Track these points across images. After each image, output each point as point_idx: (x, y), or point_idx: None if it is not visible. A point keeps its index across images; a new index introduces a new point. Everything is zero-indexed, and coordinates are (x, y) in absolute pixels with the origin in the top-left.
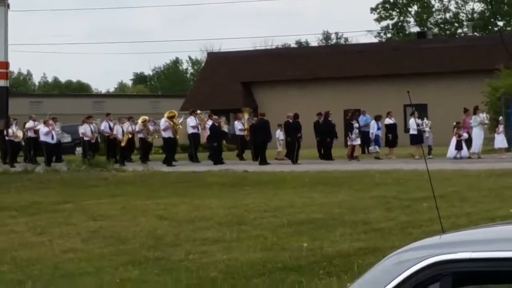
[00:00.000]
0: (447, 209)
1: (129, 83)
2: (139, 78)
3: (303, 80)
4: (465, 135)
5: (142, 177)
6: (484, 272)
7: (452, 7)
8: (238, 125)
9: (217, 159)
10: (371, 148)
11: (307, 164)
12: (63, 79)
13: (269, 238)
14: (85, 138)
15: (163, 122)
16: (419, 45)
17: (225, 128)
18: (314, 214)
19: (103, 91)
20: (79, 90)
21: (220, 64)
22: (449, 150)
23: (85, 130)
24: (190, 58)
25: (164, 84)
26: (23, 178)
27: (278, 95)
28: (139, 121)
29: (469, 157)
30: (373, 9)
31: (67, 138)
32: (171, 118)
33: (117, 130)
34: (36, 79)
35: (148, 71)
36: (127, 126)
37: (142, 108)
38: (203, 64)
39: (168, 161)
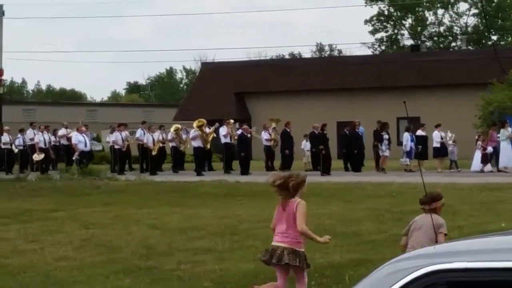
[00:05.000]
0: None
1: (123, 92)
2: (133, 88)
3: (296, 92)
4: (490, 149)
5: (134, 186)
6: (480, 282)
7: (446, 20)
8: (264, 135)
9: (244, 170)
10: (402, 160)
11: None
12: (57, 87)
13: (261, 249)
14: (116, 146)
15: (192, 131)
16: (413, 58)
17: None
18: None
19: (98, 99)
20: (73, 98)
21: (213, 74)
22: (473, 163)
23: (116, 138)
24: (184, 68)
25: (158, 93)
26: (16, 186)
27: (271, 106)
28: (172, 129)
29: (499, 171)
30: (367, 21)
31: (98, 146)
32: (200, 127)
33: (148, 139)
34: (30, 87)
35: (141, 81)
36: (157, 134)
37: (135, 117)
38: (197, 74)
39: (198, 171)
